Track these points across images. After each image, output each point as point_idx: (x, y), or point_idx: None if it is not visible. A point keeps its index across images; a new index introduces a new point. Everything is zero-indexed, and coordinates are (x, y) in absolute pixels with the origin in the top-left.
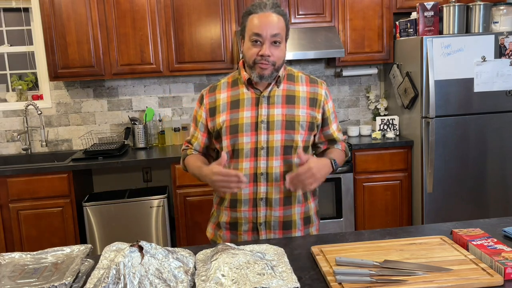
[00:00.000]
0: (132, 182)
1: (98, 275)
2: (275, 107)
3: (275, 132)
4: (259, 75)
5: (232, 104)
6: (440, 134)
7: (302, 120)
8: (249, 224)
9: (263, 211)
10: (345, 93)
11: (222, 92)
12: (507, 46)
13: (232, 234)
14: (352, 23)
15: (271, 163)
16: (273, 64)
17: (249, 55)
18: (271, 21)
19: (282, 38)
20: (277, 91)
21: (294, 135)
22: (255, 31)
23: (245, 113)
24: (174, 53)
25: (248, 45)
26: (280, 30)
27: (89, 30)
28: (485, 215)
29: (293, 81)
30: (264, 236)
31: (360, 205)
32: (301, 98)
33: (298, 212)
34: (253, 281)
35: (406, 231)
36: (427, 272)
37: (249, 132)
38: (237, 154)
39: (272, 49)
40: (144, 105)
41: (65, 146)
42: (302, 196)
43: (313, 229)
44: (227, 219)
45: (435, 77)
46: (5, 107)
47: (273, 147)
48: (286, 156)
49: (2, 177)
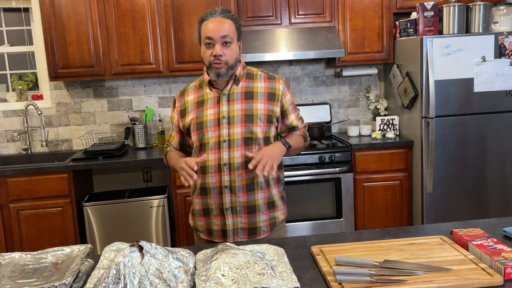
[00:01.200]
0: (132, 182)
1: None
2: (234, 103)
3: (235, 126)
4: (216, 73)
5: (198, 104)
6: (440, 134)
7: (260, 113)
8: (217, 210)
9: (228, 197)
10: (345, 93)
11: (190, 95)
12: (507, 46)
13: (206, 219)
14: (352, 23)
15: (233, 154)
16: (226, 63)
17: (205, 57)
18: (221, 24)
19: (232, 39)
20: (236, 89)
21: (253, 127)
22: (207, 35)
23: (209, 110)
24: (174, 53)
25: (203, 48)
26: (230, 32)
27: (89, 30)
28: (485, 215)
29: (252, 79)
30: (231, 220)
31: (360, 205)
32: (259, 93)
33: (261, 197)
34: (253, 281)
35: (406, 231)
36: (427, 272)
37: (212, 128)
38: (204, 147)
39: (223, 49)
40: (144, 105)
41: (65, 146)
42: (265, 183)
43: (279, 213)
44: (200, 207)
45: (435, 77)
46: (5, 107)
47: (234, 140)
48: (247, 147)
49: (2, 177)
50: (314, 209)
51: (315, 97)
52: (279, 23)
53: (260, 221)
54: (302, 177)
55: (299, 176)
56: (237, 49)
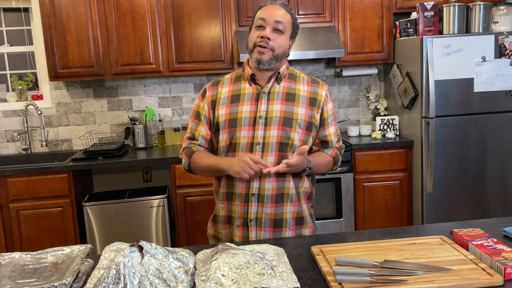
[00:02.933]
0: (132, 182)
1: (98, 275)
2: (274, 103)
3: (272, 128)
4: (257, 59)
5: (233, 98)
6: (440, 134)
7: (300, 118)
8: (240, 219)
9: (254, 207)
10: (345, 93)
11: (225, 87)
12: (507, 46)
13: (230, 228)
14: (352, 23)
15: (266, 159)
16: (272, 49)
17: (251, 38)
18: (277, 10)
19: (285, 28)
20: (277, 88)
21: (291, 133)
22: (260, 16)
23: (245, 107)
24: (174, 53)
25: (252, 31)
26: (285, 21)
27: (89, 30)
28: (485, 215)
29: (295, 80)
30: (254, 232)
31: (360, 205)
32: (301, 96)
33: (290, 211)
34: (253, 281)
35: (406, 231)
36: (427, 272)
37: (246, 127)
38: (234, 147)
39: (273, 35)
40: (144, 105)
41: (65, 146)
42: (296, 195)
43: (306, 231)
44: (224, 212)
45: (435, 77)
46: (5, 107)
47: (268, 143)
48: (281, 153)
49: (2, 177)
50: (314, 209)
51: None
52: None
53: (286, 237)
54: None
55: None
56: (288, 43)
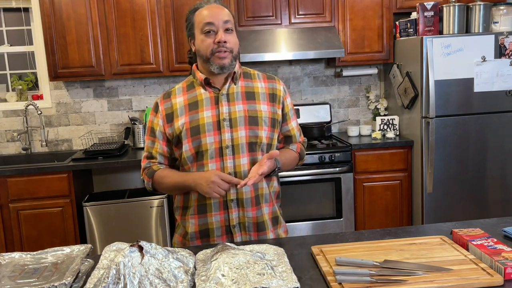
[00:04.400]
0: (132, 182)
1: (98, 275)
2: (235, 104)
3: (238, 128)
4: (219, 65)
5: (191, 106)
6: (440, 134)
7: (264, 115)
8: (221, 229)
9: (235, 213)
10: (345, 93)
11: (178, 97)
12: (507, 46)
13: (205, 242)
14: (352, 23)
15: (238, 161)
16: (231, 51)
17: (205, 47)
18: (221, 10)
19: (233, 26)
20: (235, 88)
21: (258, 131)
22: (206, 21)
23: (205, 112)
24: (174, 53)
25: (201, 38)
26: (230, 18)
27: (89, 30)
28: (485, 215)
29: (250, 78)
30: (239, 237)
31: (360, 205)
32: (261, 94)
33: (267, 212)
34: (253, 281)
35: (406, 231)
36: (427, 272)
37: (211, 132)
38: (201, 156)
39: (227, 36)
40: (144, 105)
41: (65, 146)
42: (270, 195)
43: (281, 231)
44: (195, 228)
45: (435, 77)
46: (5, 107)
47: (238, 144)
48: (252, 153)
49: (2, 177)
50: (314, 209)
51: (315, 97)
52: (279, 23)
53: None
54: (302, 177)
55: (299, 176)
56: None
